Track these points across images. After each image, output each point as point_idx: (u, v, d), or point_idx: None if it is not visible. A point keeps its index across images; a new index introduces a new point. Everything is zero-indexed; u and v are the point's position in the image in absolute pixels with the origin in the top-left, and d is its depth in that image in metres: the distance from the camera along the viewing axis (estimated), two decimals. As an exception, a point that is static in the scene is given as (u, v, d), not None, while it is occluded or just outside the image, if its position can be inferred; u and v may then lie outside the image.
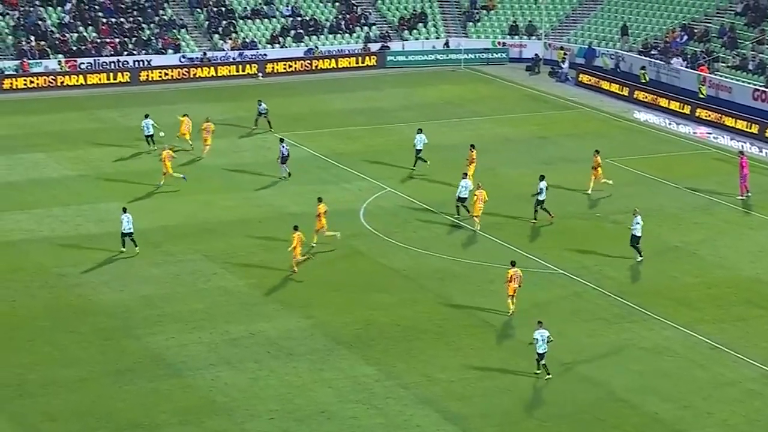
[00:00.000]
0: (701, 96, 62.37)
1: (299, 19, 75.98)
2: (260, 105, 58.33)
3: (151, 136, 54.37)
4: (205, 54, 71.72)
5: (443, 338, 35.80)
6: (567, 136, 58.42)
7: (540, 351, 33.24)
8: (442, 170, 51.35)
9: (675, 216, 45.72)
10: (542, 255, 42.30)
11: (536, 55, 73.28)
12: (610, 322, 36.95)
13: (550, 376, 33.34)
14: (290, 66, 72.07)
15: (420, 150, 51.78)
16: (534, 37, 75.29)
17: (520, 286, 37.32)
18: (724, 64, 64.69)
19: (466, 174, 45.90)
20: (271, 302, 38.54)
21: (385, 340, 35.78)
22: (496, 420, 30.96)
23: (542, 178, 44.88)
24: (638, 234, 41.47)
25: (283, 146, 51.14)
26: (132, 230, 42.17)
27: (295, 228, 40.73)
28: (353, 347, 35.20)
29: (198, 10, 75.64)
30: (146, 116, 54.81)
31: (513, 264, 37.77)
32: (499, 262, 41.49)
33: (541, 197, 44.62)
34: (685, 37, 68.71)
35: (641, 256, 41.70)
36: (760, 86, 60.89)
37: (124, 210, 42.63)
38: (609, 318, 37.22)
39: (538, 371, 33.43)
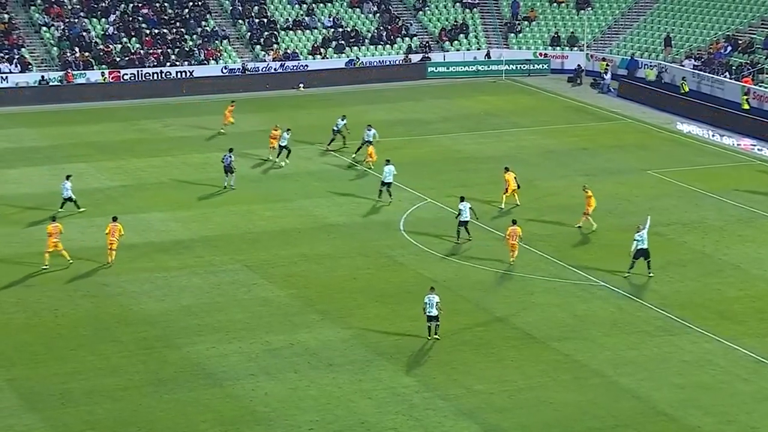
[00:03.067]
0: (745, 107, 61.88)
1: (341, 30, 76.21)
2: (341, 120, 57.51)
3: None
4: (243, 65, 72.14)
5: (483, 350, 35.69)
6: (609, 148, 58.17)
7: (430, 314, 35.31)
8: (482, 182, 51.33)
9: (719, 228, 45.37)
10: (583, 267, 42.11)
11: (578, 66, 73.05)
12: (652, 334, 36.69)
13: (438, 338, 35.59)
14: (331, 77, 72.26)
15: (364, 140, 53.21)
16: (576, 48, 75.06)
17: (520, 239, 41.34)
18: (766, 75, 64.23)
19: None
20: (312, 313, 38.59)
21: (425, 351, 35.71)
22: (536, 432, 30.84)
23: (462, 199, 44.36)
24: (644, 247, 40.72)
25: (228, 156, 50.94)
26: (72, 196, 46.72)
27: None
28: (393, 358, 35.16)
29: (240, 21, 76.06)
30: None
31: (514, 222, 41.79)
32: (540, 275, 41.36)
33: (463, 218, 43.88)
34: (729, 48, 68.21)
35: (646, 270, 40.93)
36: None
37: (67, 177, 47.07)
38: (650, 330, 36.96)
39: (430, 337, 35.61)
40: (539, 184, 51.56)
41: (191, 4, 75.89)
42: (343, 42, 75.31)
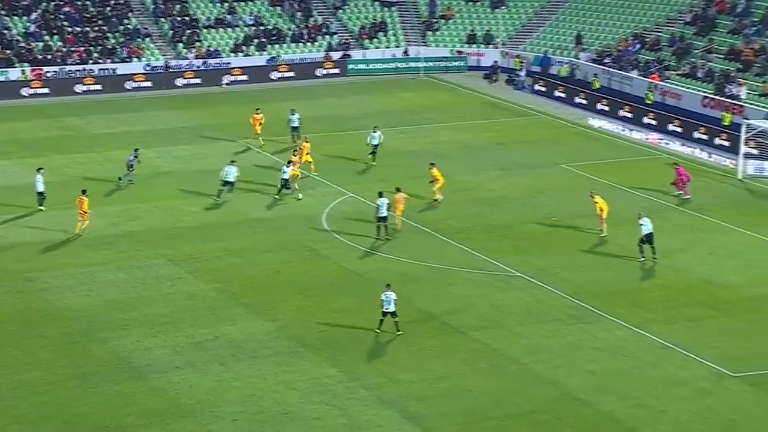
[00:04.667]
0: (648, 102, 63.78)
1: (262, 28, 76.71)
2: (293, 115, 57.91)
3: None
4: (167, 63, 72.33)
5: (405, 340, 36.52)
6: (524, 143, 59.45)
7: (387, 310, 36.06)
8: (402, 176, 52.32)
9: (630, 220, 46.71)
10: (501, 258, 43.18)
11: (494, 63, 74.43)
12: (566, 323, 37.81)
13: (401, 332, 36.24)
14: (253, 74, 72.80)
15: (376, 146, 53.05)
16: (491, 46, 76.46)
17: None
18: (674, 72, 66.05)
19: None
20: (236, 306, 39.14)
21: (348, 342, 36.45)
22: (456, 420, 31.60)
23: (380, 194, 45.10)
24: (648, 232, 42.27)
25: (132, 155, 51.51)
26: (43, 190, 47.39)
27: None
28: (317, 349, 35.84)
29: (162, 19, 76.17)
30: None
31: (398, 190, 45.50)
32: (459, 266, 42.42)
33: (380, 214, 44.60)
34: (638, 46, 70.07)
35: (646, 256, 42.53)
36: (710, 93, 62.29)
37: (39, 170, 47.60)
38: (565, 319, 38.10)
39: (379, 330, 36.38)
40: (457, 178, 52.63)
41: (113, 2, 75.79)
42: (264, 40, 75.83)
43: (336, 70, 74.45)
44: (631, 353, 35.62)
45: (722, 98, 61.16)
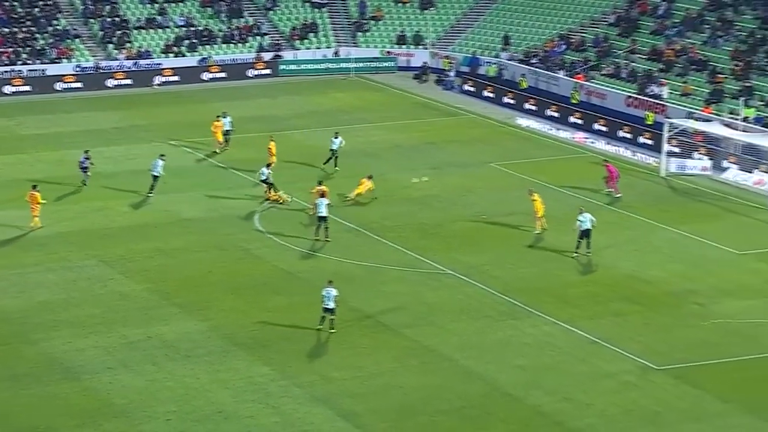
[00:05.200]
0: (574, 102, 64.84)
1: (193, 29, 76.61)
2: (225, 117, 57.68)
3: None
4: (98, 64, 72.02)
5: (338, 338, 36.84)
6: (453, 142, 60.10)
7: (328, 306, 36.25)
8: (335, 176, 52.77)
9: (558, 218, 47.50)
10: (432, 256, 43.72)
11: (424, 63, 75.12)
12: (496, 319, 38.40)
13: (334, 330, 36.55)
14: (184, 75, 72.72)
15: (335, 150, 53.30)
16: (421, 47, 77.14)
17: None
18: (599, 72, 67.19)
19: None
20: (169, 306, 39.23)
21: (281, 341, 36.73)
22: (388, 416, 31.98)
23: (322, 194, 45.68)
24: (587, 228, 43.24)
25: (84, 157, 51.35)
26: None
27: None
28: (250, 348, 36.07)
29: (92, 20, 75.76)
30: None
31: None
32: (391, 265, 42.90)
33: (320, 213, 44.81)
34: (564, 47, 71.15)
35: (579, 252, 43.50)
36: (633, 93, 63.50)
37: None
38: (495, 316, 38.68)
39: (321, 327, 36.56)
40: (389, 177, 53.10)
41: (41, 3, 75.19)
42: (195, 41, 75.74)
43: (268, 71, 74.60)
44: (559, 348, 36.32)
45: (645, 98, 62.37)
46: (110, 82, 71.06)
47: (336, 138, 54.40)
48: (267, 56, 75.49)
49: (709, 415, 32.16)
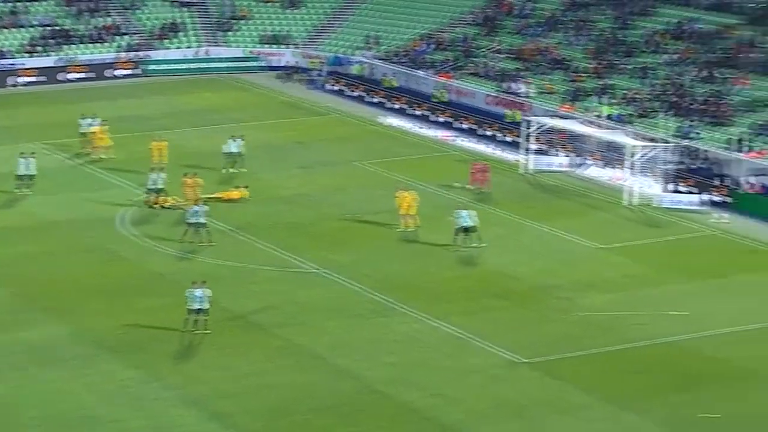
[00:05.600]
0: (441, 101, 65.79)
1: (54, 28, 75.14)
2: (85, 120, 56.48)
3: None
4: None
5: (208, 339, 36.69)
6: (321, 141, 60.34)
7: (193, 308, 36.28)
8: (207, 175, 52.44)
9: (427, 216, 48.11)
10: (303, 255, 43.85)
11: (291, 63, 75.17)
12: (367, 317, 38.71)
13: (209, 331, 36.44)
14: (47, 75, 71.33)
15: (229, 154, 52.55)
16: (288, 46, 77.15)
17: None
18: (464, 71, 68.23)
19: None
20: (34, 310, 38.55)
21: (151, 343, 36.43)
22: (261, 416, 31.99)
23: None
24: (469, 224, 44.25)
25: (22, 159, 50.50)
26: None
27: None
28: (118, 351, 35.68)
29: (-53, 19, 73.86)
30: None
31: (185, 175, 47.58)
32: (262, 264, 42.88)
33: (198, 219, 44.81)
34: (429, 46, 72.00)
35: (458, 244, 44.47)
36: (497, 92, 64.66)
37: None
38: (365, 314, 38.99)
39: (192, 329, 36.55)
40: (259, 177, 53.07)
41: None
42: (57, 40, 74.29)
43: (133, 71, 73.63)
44: (428, 344, 36.80)
45: (508, 96, 63.59)
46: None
47: (234, 141, 53.49)
48: (132, 56, 74.52)
49: (574, 407, 33.00)
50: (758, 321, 38.93)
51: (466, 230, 44.64)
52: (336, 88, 70.90)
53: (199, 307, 36.73)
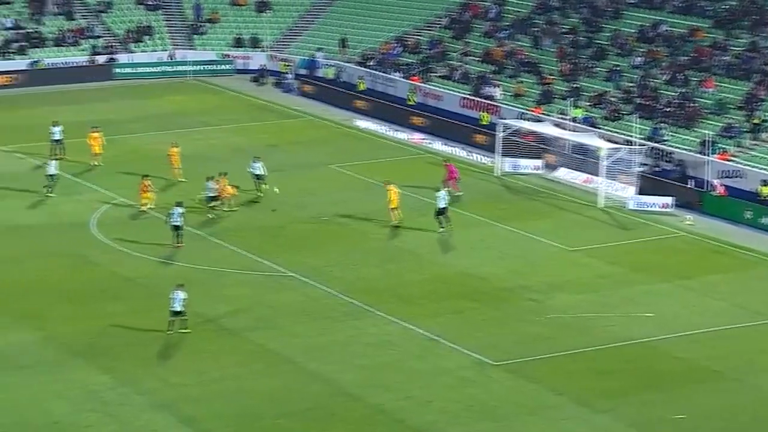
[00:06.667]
0: (410, 103, 65.92)
1: (22, 31, 74.78)
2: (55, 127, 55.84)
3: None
4: None
5: (179, 344, 36.65)
6: (293, 144, 60.35)
7: (175, 309, 36.54)
8: (172, 180, 52.43)
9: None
10: (273, 259, 43.84)
11: (262, 66, 75.11)
12: (338, 320, 38.75)
13: (189, 330, 36.76)
14: (14, 79, 70.96)
15: (258, 176, 51.23)
16: (258, 49, 77.11)
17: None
18: (435, 74, 68.39)
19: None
20: (1, 315, 38.34)
21: (120, 348, 36.32)
22: (230, 420, 31.94)
23: (179, 203, 45.50)
24: (443, 206, 45.66)
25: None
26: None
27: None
28: (87, 357, 35.53)
29: None
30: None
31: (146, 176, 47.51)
32: (232, 268, 42.84)
33: (174, 222, 44.82)
34: (400, 49, 72.16)
35: (445, 228, 45.83)
36: (467, 94, 64.87)
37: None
38: (337, 316, 39.03)
39: (171, 331, 36.73)
40: (232, 180, 52.87)
41: None
42: (25, 43, 73.95)
43: (102, 74, 73.37)
44: (399, 347, 36.89)
45: (479, 99, 63.79)
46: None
47: (255, 163, 52.26)
48: (101, 59, 74.26)
49: (544, 407, 33.16)
50: (725, 322, 39.23)
51: (442, 212, 45.70)
52: (308, 90, 70.88)
53: (181, 309, 36.73)
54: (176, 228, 44.70)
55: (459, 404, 33.18)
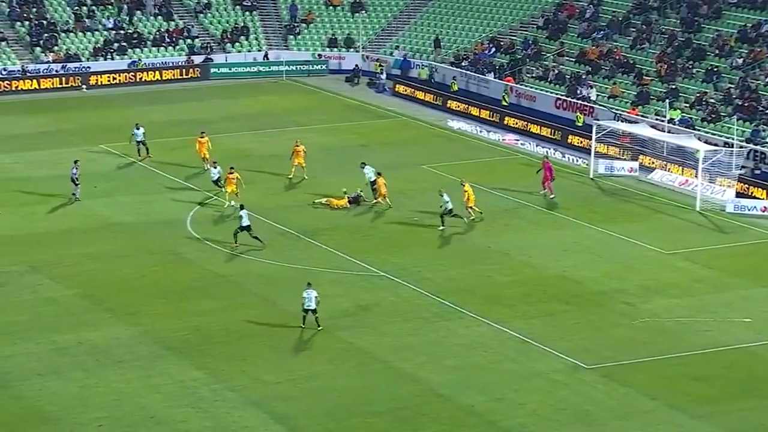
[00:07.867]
0: (504, 104, 65.47)
1: (122, 32, 76.04)
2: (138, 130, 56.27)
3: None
4: (23, 67, 71.29)
5: (270, 341, 36.88)
6: (385, 144, 60.33)
7: (308, 307, 37.10)
8: (268, 179, 52.68)
9: (487, 219, 48.00)
10: (365, 258, 43.84)
11: (356, 66, 75.31)
12: (429, 320, 38.64)
13: (321, 327, 37.10)
14: (114, 78, 72.18)
15: (373, 182, 50.84)
16: (352, 50, 77.33)
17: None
18: (529, 75, 67.85)
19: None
20: (99, 311, 38.95)
21: (213, 344, 36.65)
22: (321, 418, 32.04)
23: (241, 207, 45.14)
24: (451, 207, 46.38)
25: (74, 168, 50.48)
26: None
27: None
28: (181, 353, 35.93)
29: (18, 23, 74.88)
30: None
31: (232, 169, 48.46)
32: (324, 267, 42.95)
33: (244, 223, 44.58)
34: (493, 49, 71.77)
35: (443, 227, 45.90)
36: (562, 95, 64.21)
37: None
38: (428, 317, 38.91)
39: (304, 325, 37.13)
40: (320, 180, 53.22)
41: (-33, 6, 74.35)
42: (125, 44, 75.17)
43: (198, 74, 74.25)
44: (491, 348, 36.63)
45: (574, 100, 63.11)
46: (38, 86, 70.29)
47: (364, 168, 51.68)
48: (198, 59, 75.16)
49: (638, 412, 32.64)
50: (828, 328, 38.22)
51: (449, 213, 46.39)
52: (401, 91, 70.84)
53: (314, 306, 37.27)
54: (244, 228, 44.36)
55: (551, 407, 32.85)
